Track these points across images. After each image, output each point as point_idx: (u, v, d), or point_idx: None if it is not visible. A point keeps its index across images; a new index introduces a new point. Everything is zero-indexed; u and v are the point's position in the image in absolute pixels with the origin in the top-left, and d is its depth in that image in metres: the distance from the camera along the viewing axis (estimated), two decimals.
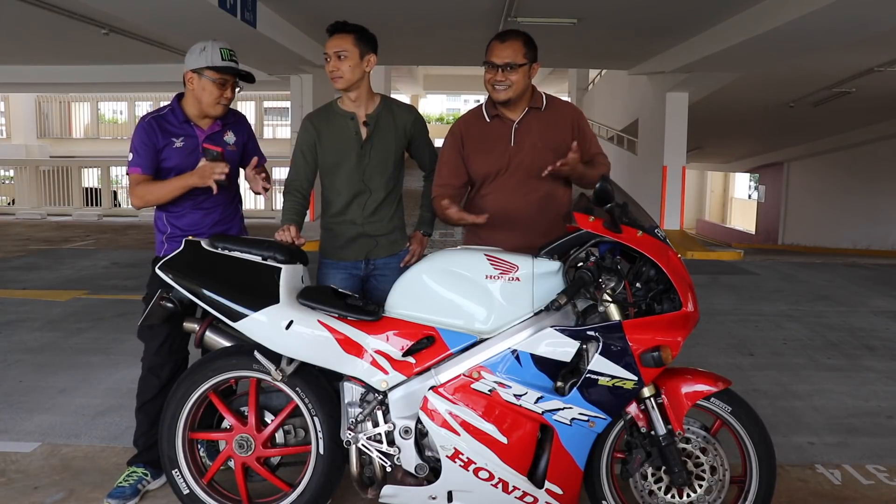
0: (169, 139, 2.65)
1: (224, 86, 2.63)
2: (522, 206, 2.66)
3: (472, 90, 37.13)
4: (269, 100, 24.41)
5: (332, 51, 2.64)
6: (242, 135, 2.82)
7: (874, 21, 6.83)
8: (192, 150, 2.67)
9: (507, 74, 2.55)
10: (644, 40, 10.13)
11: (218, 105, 2.64)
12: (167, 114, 2.69)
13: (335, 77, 2.66)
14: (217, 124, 2.73)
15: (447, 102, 46.71)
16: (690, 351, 4.60)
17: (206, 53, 2.60)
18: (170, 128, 2.66)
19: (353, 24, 2.68)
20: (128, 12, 7.19)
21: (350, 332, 2.26)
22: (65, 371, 4.16)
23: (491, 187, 2.70)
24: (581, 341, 2.14)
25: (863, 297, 6.78)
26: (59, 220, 14.26)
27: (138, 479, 2.69)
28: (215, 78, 2.60)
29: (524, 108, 2.67)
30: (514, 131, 2.66)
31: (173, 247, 2.63)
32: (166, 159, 2.65)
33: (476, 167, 2.69)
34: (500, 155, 2.66)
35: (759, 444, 2.25)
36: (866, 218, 16.19)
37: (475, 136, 2.71)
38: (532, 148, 2.65)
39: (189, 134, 2.68)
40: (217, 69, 2.60)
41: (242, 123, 2.86)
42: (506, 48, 2.56)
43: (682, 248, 9.75)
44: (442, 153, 2.78)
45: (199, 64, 2.60)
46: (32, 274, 7.50)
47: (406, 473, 2.25)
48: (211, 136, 2.71)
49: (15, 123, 23.80)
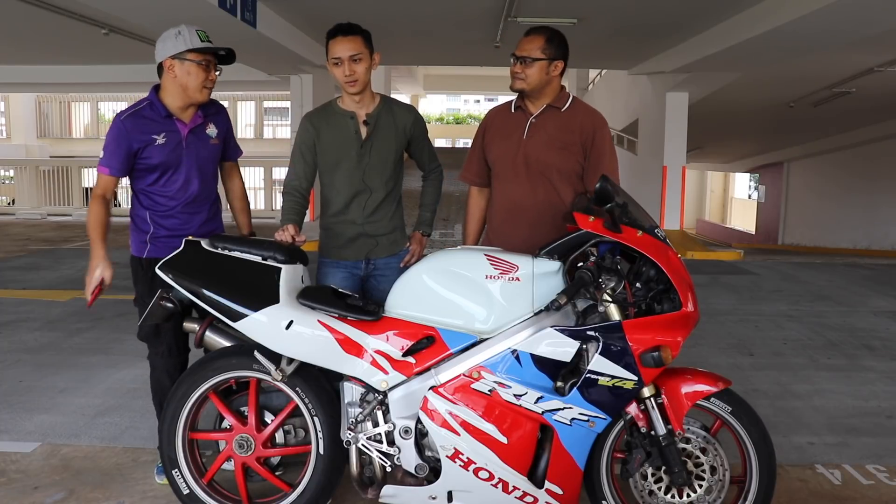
0: (149, 137, 2.54)
1: (207, 68, 2.55)
2: (528, 200, 2.71)
3: (472, 90, 37.18)
4: (269, 100, 24.41)
5: (347, 54, 2.58)
6: (223, 128, 2.76)
7: (874, 21, 6.83)
8: (176, 146, 2.59)
9: (523, 67, 2.63)
10: (644, 40, 10.13)
11: (205, 89, 2.56)
12: (145, 109, 2.58)
13: (351, 81, 2.61)
14: (199, 116, 2.65)
15: (447, 102, 46.74)
16: (690, 351, 4.60)
17: (183, 37, 2.51)
18: (150, 125, 2.56)
19: (357, 24, 2.67)
20: (128, 12, 7.19)
21: (350, 332, 2.26)
22: (65, 371, 4.16)
23: (501, 177, 2.78)
24: (581, 341, 2.14)
25: (863, 297, 6.78)
26: (59, 220, 14.25)
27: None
28: (199, 59, 2.52)
29: (544, 104, 2.71)
30: (529, 124, 2.72)
31: (157, 248, 2.62)
32: (148, 157, 2.56)
33: (492, 154, 2.81)
34: (514, 144, 2.73)
35: (759, 444, 2.25)
36: (866, 218, 16.19)
37: (498, 125, 2.82)
38: (541, 144, 2.69)
39: (172, 129, 2.59)
40: (199, 50, 2.52)
41: (223, 114, 2.78)
42: (527, 42, 2.65)
43: (682, 248, 9.75)
44: (472, 140, 2.96)
45: (179, 48, 2.50)
46: (32, 274, 7.50)
47: (406, 473, 2.25)
48: (194, 130, 2.63)
49: (15, 123, 23.80)
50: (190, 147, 2.63)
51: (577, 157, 2.69)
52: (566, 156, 2.67)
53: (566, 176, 2.70)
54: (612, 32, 9.64)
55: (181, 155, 2.60)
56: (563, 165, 2.68)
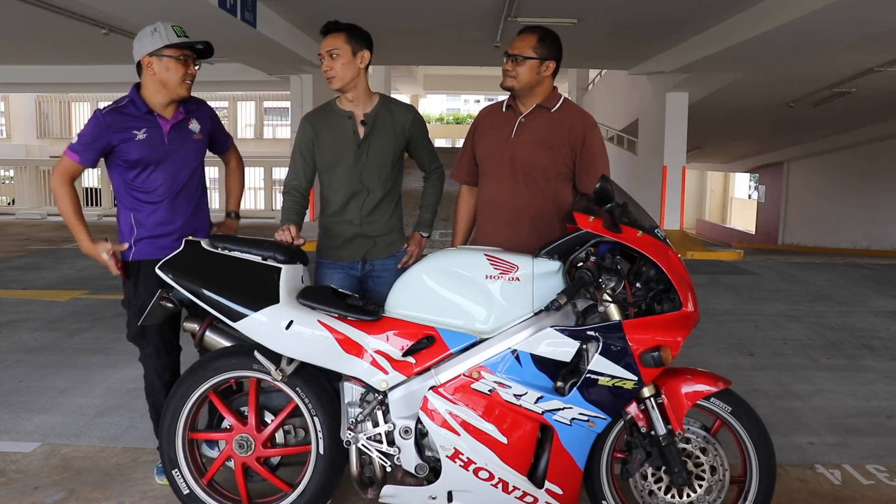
0: (129, 133, 2.55)
1: (186, 62, 2.57)
2: (509, 199, 2.71)
3: (472, 90, 37.16)
4: (269, 100, 24.42)
5: (325, 50, 2.65)
6: (206, 122, 2.76)
7: (874, 21, 6.83)
8: (158, 142, 2.59)
9: (514, 65, 2.64)
10: (644, 40, 10.13)
11: (185, 84, 2.58)
12: (126, 106, 2.59)
13: (329, 77, 2.66)
14: (180, 112, 2.65)
15: (447, 102, 46.74)
16: (690, 351, 4.60)
17: (160, 34, 2.54)
18: (130, 121, 2.56)
19: (344, 22, 2.67)
20: (128, 12, 7.20)
21: (350, 332, 2.26)
22: (65, 371, 4.16)
23: (487, 175, 2.79)
24: (581, 341, 2.14)
25: (863, 297, 6.78)
26: (59, 220, 14.23)
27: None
28: (177, 55, 2.54)
29: (534, 104, 2.71)
30: (518, 123, 2.72)
31: (141, 249, 2.62)
32: (128, 153, 2.56)
33: (480, 151, 2.81)
34: (501, 142, 2.73)
35: (759, 444, 2.24)
36: (866, 218, 16.20)
37: (488, 123, 2.83)
38: (528, 143, 2.68)
39: (153, 125, 2.59)
40: (176, 45, 2.54)
41: (205, 110, 2.79)
42: (520, 41, 2.66)
43: (682, 248, 9.75)
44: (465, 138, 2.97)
45: (156, 45, 2.53)
46: (32, 274, 7.50)
47: (406, 473, 2.25)
48: (176, 126, 2.63)
49: (15, 123, 23.81)
50: (173, 143, 2.63)
51: (565, 158, 2.67)
52: (553, 156, 2.66)
53: (551, 177, 2.68)
54: (612, 32, 9.64)
55: (164, 151, 2.60)
56: (550, 166, 2.67)
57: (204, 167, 2.80)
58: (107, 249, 2.56)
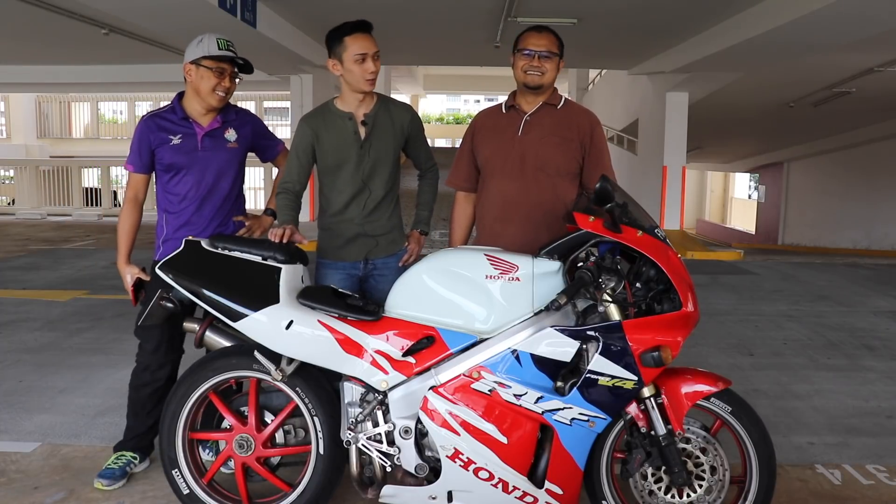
0: (165, 137, 2.68)
1: (222, 74, 2.65)
2: (521, 197, 2.71)
3: (472, 90, 37.18)
4: (269, 100, 24.41)
5: (373, 50, 2.62)
6: (246, 132, 2.84)
7: (874, 21, 6.83)
8: (192, 149, 2.70)
9: (542, 62, 2.66)
10: (644, 40, 10.13)
11: (215, 93, 2.66)
12: (166, 112, 2.74)
13: (372, 79, 2.64)
14: (217, 121, 2.74)
15: (447, 102, 46.76)
16: (690, 351, 4.60)
17: (203, 44, 2.64)
18: (167, 125, 2.70)
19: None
20: (127, 12, 7.20)
21: (350, 332, 2.26)
22: (65, 371, 4.16)
23: (495, 175, 2.77)
24: (581, 341, 2.14)
25: (863, 297, 6.78)
26: (59, 220, 14.26)
27: (127, 461, 2.78)
28: (212, 66, 2.63)
29: (541, 102, 2.73)
30: (524, 122, 2.73)
31: (167, 250, 2.68)
32: (163, 157, 2.69)
33: (483, 153, 2.80)
34: (507, 142, 2.73)
35: (759, 444, 2.24)
36: (866, 218, 16.20)
37: (489, 126, 2.83)
38: (538, 139, 2.70)
39: (188, 131, 2.70)
40: (213, 58, 2.63)
41: (246, 120, 2.87)
42: (543, 38, 2.68)
43: (682, 248, 9.75)
44: (459, 145, 2.96)
45: (197, 55, 2.64)
46: (32, 274, 7.50)
47: (406, 473, 2.25)
48: (211, 134, 2.72)
49: (15, 123, 23.79)
50: (206, 149, 2.73)
51: (575, 153, 2.70)
52: (564, 151, 2.69)
53: (562, 172, 2.70)
54: (612, 32, 9.64)
55: (195, 157, 2.70)
56: (561, 161, 2.69)
57: (241, 176, 2.87)
58: (132, 273, 2.72)
